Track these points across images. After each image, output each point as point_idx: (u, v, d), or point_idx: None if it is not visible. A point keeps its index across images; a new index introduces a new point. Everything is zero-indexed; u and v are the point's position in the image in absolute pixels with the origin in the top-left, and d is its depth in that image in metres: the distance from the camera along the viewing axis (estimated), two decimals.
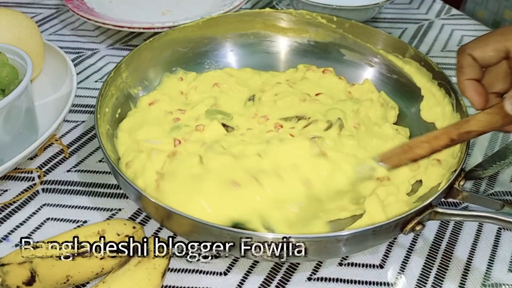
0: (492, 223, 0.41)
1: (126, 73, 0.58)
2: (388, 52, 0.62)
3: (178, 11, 0.85)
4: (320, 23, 0.66)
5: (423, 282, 0.48)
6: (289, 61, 0.68)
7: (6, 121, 0.52)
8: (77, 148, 0.61)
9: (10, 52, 0.57)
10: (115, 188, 0.56)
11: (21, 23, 0.63)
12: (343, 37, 0.65)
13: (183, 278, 0.47)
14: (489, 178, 0.58)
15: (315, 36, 0.67)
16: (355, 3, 0.80)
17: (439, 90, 0.56)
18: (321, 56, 0.66)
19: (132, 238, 0.46)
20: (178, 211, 0.41)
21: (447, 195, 0.45)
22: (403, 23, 0.89)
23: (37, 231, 0.51)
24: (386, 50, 0.63)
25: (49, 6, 0.91)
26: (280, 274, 0.48)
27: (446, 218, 0.43)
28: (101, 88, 0.53)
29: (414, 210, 0.41)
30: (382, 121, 0.57)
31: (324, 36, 0.66)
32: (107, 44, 0.80)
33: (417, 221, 0.42)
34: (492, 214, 0.39)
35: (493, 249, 0.51)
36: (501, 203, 0.40)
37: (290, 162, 0.49)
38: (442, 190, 0.43)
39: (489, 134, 0.65)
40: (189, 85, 0.61)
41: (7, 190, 0.55)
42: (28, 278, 0.43)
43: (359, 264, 0.49)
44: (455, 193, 0.45)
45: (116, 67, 0.56)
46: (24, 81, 0.53)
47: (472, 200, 0.44)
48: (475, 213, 0.41)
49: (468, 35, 0.85)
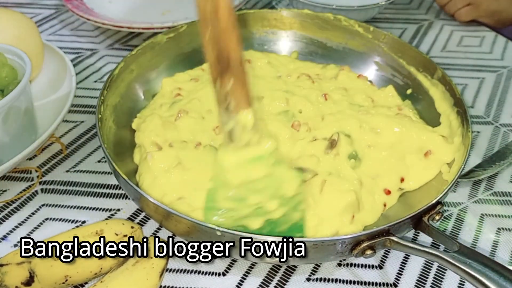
0: (441, 264, 0.40)
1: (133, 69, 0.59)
2: (418, 71, 0.61)
3: (177, 11, 0.85)
4: (356, 32, 0.65)
5: (422, 282, 0.48)
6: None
7: (5, 122, 0.52)
8: (76, 148, 0.61)
9: (9, 52, 0.57)
10: (114, 188, 0.56)
11: (20, 23, 0.63)
12: (377, 48, 0.65)
13: (181, 278, 0.47)
14: (489, 178, 0.58)
15: (351, 43, 0.66)
16: (355, 3, 0.80)
17: (456, 118, 0.54)
18: (353, 65, 0.66)
19: (132, 238, 0.46)
20: (177, 212, 0.41)
21: (417, 227, 0.44)
22: (403, 23, 0.89)
23: (36, 231, 0.51)
24: (417, 68, 0.61)
25: (49, 6, 0.91)
26: (278, 275, 0.48)
27: (399, 249, 0.42)
28: (104, 84, 0.53)
29: (366, 232, 0.41)
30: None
31: (358, 44, 0.66)
32: (107, 44, 0.80)
33: (367, 245, 0.41)
34: (443, 255, 0.39)
35: (492, 249, 0.51)
36: (458, 246, 0.40)
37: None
38: (400, 220, 0.42)
39: (489, 134, 0.65)
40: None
41: (6, 190, 0.55)
42: (26, 278, 0.43)
43: (358, 265, 0.49)
44: (423, 227, 0.44)
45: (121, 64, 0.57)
46: (23, 82, 0.53)
47: (435, 236, 0.43)
48: (428, 250, 0.40)
49: (468, 35, 0.85)
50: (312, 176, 0.49)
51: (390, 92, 0.61)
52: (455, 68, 0.77)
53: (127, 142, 0.55)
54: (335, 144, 0.51)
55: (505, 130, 0.66)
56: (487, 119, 0.68)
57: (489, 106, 0.70)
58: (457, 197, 0.56)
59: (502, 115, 0.68)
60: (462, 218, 0.54)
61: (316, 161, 0.51)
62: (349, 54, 0.67)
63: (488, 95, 0.72)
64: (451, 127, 0.54)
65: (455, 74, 0.76)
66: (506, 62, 0.79)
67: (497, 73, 0.77)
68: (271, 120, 0.54)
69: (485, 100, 0.71)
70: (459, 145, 0.52)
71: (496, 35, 0.85)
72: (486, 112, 0.69)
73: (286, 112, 0.56)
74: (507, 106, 0.70)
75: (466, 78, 0.75)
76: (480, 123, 0.67)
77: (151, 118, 0.54)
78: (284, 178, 0.46)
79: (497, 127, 0.66)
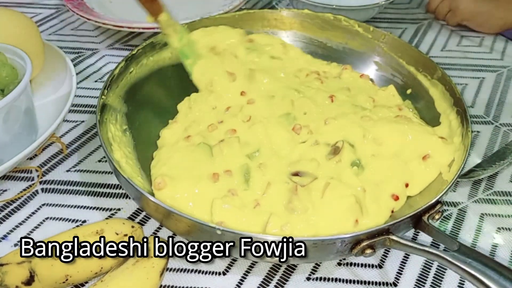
0: (441, 264, 0.41)
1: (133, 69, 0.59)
2: (418, 71, 0.61)
3: (178, 11, 0.84)
4: (356, 31, 0.65)
5: (422, 282, 0.48)
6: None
7: (6, 121, 0.52)
8: (76, 148, 0.61)
9: (9, 52, 0.57)
10: (114, 188, 0.56)
11: (21, 23, 0.63)
12: (377, 48, 0.65)
13: (181, 278, 0.47)
14: (489, 178, 0.58)
15: (351, 43, 0.67)
16: (355, 3, 0.80)
17: (456, 118, 0.54)
18: (353, 65, 0.65)
19: (132, 238, 0.46)
20: (178, 211, 0.41)
21: (416, 226, 0.44)
22: (403, 23, 0.89)
23: (36, 230, 0.51)
24: (416, 68, 0.61)
25: (49, 6, 0.91)
26: (279, 274, 0.48)
27: (399, 248, 0.42)
28: (105, 83, 0.53)
29: (366, 231, 0.41)
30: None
31: (358, 44, 0.66)
32: (107, 44, 0.80)
33: (367, 244, 0.41)
34: (443, 255, 0.39)
35: (492, 248, 0.51)
36: (458, 245, 0.40)
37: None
38: (399, 220, 0.42)
39: (489, 134, 0.65)
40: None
41: (7, 190, 0.55)
42: (27, 278, 0.43)
43: (358, 264, 0.49)
44: (423, 226, 0.44)
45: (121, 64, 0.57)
46: (24, 81, 0.53)
47: (434, 235, 0.43)
48: (428, 249, 0.40)
49: (468, 35, 0.85)
50: (312, 180, 0.49)
51: (392, 92, 0.61)
52: (455, 68, 0.77)
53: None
54: (339, 151, 0.51)
55: (505, 130, 0.66)
56: (487, 119, 0.68)
57: (489, 106, 0.70)
58: (457, 197, 0.56)
59: (502, 115, 0.68)
60: (462, 218, 0.54)
61: (316, 165, 0.51)
62: (349, 54, 0.67)
63: (488, 95, 0.72)
64: (451, 127, 0.54)
65: (455, 74, 0.76)
66: (506, 62, 0.79)
67: (497, 73, 0.77)
68: (271, 123, 0.54)
69: (485, 99, 0.71)
70: (459, 145, 0.52)
71: (496, 35, 0.85)
72: (486, 112, 0.69)
73: (288, 115, 0.56)
74: (507, 106, 0.70)
75: (466, 78, 0.75)
76: (480, 123, 0.67)
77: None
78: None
79: (497, 127, 0.66)
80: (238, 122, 0.55)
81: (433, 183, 0.51)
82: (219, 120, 0.56)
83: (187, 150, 0.52)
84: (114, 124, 0.53)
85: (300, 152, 0.52)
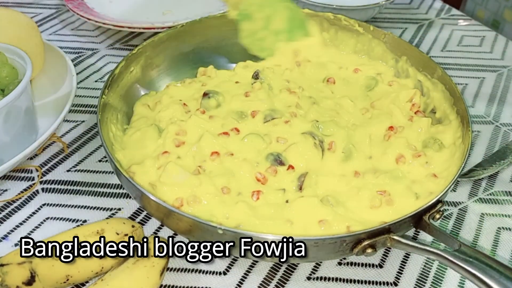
0: (442, 263, 0.41)
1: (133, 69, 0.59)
2: (418, 71, 0.61)
3: (178, 11, 0.85)
4: (356, 31, 0.65)
5: (423, 281, 0.48)
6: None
7: (6, 121, 0.52)
8: (76, 148, 0.61)
9: (9, 52, 0.57)
10: (114, 187, 0.56)
11: (21, 23, 0.63)
12: (376, 47, 0.65)
13: (182, 277, 0.47)
14: (489, 178, 0.58)
15: (350, 43, 0.67)
16: (355, 3, 0.80)
17: (456, 118, 0.54)
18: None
19: (132, 237, 0.46)
20: (178, 211, 0.41)
21: (417, 226, 0.44)
22: (403, 23, 0.89)
23: (36, 230, 0.51)
24: (417, 67, 0.61)
25: (49, 6, 0.91)
26: (279, 273, 0.48)
27: (400, 248, 0.42)
28: (105, 83, 0.53)
29: (367, 231, 0.41)
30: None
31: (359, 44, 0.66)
32: (107, 44, 0.80)
33: (368, 243, 0.41)
34: (444, 254, 0.39)
35: (492, 248, 0.51)
36: (459, 244, 0.40)
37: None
38: (400, 219, 0.42)
39: (489, 134, 0.65)
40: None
41: (7, 190, 0.55)
42: (27, 278, 0.43)
43: (359, 264, 0.49)
44: (423, 225, 0.44)
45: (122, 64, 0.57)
46: (24, 81, 0.53)
47: (435, 234, 0.43)
48: (428, 249, 0.40)
49: (468, 35, 0.85)
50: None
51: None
52: (455, 68, 0.77)
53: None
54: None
55: (505, 130, 0.66)
56: (487, 119, 0.68)
57: (489, 106, 0.70)
58: (457, 197, 0.56)
59: (502, 115, 0.68)
60: (462, 217, 0.54)
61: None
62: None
63: (488, 94, 0.72)
64: (452, 126, 0.54)
65: (455, 74, 0.76)
66: (506, 62, 0.79)
67: (497, 72, 0.77)
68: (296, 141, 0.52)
69: (485, 99, 0.71)
70: (459, 145, 0.52)
71: (496, 35, 0.85)
72: (486, 112, 0.69)
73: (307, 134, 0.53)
74: (507, 106, 0.70)
75: (466, 77, 0.76)
76: (480, 123, 0.67)
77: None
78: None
79: (497, 127, 0.66)
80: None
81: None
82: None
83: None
84: (115, 123, 0.54)
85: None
